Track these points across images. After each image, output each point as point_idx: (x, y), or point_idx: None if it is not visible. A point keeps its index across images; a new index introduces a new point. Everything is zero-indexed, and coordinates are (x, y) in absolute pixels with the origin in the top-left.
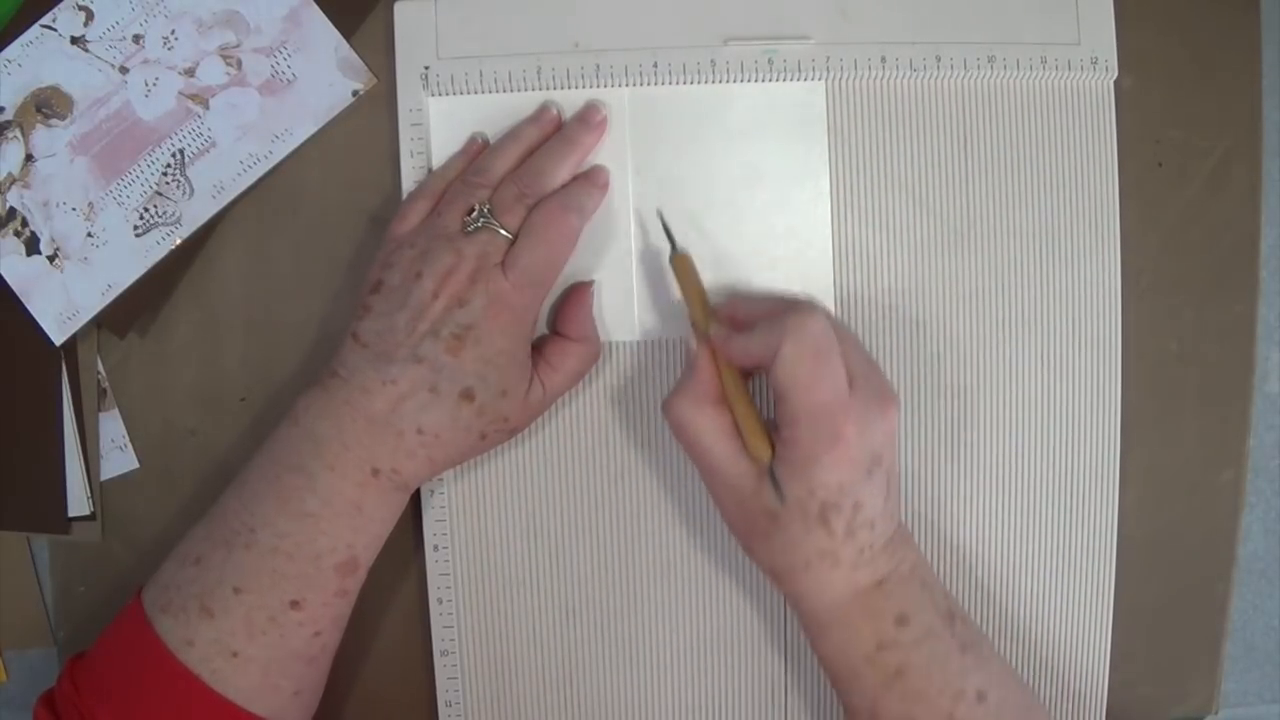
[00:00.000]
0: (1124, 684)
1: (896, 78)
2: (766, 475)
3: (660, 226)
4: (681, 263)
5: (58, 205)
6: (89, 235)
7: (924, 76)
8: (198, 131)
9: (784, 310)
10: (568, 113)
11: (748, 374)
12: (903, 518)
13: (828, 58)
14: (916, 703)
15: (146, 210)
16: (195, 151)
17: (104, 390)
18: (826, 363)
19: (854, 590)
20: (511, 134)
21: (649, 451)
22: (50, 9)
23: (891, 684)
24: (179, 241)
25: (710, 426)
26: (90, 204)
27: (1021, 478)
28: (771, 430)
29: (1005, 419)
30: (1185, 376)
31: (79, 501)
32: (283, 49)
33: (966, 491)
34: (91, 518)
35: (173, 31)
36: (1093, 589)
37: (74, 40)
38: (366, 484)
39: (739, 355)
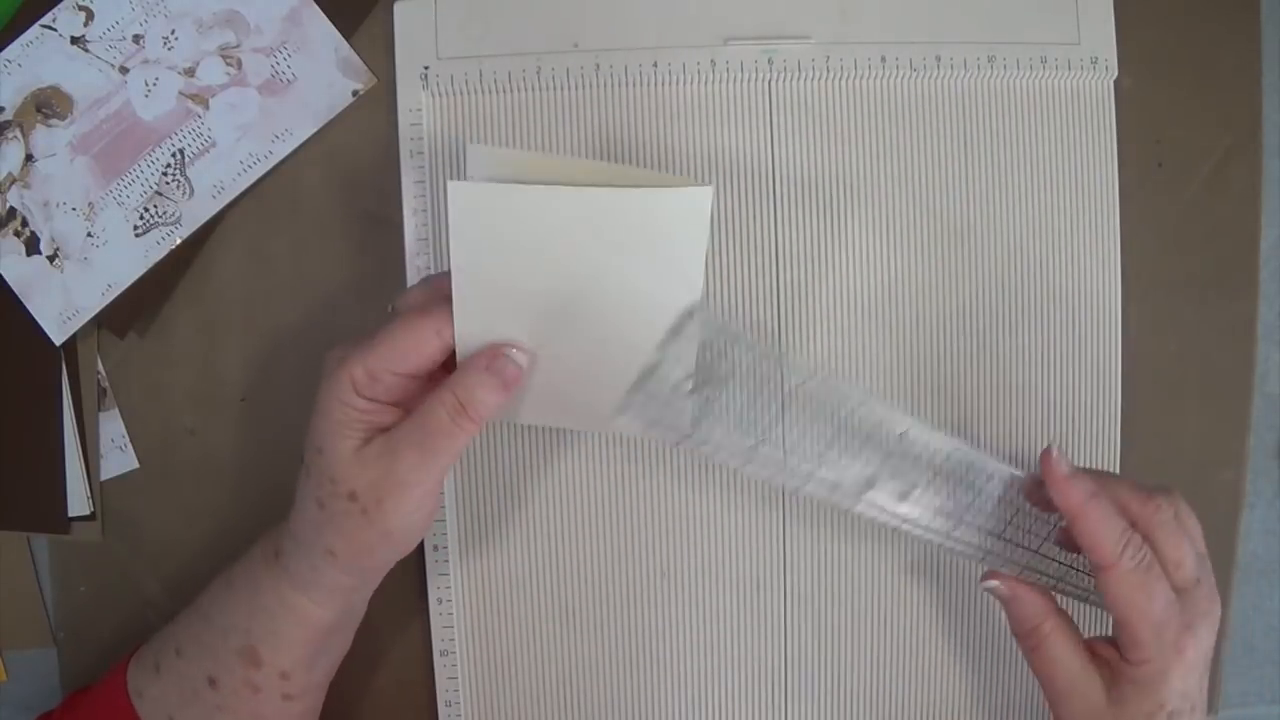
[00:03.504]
0: None
1: (896, 78)
2: (1122, 687)
3: None
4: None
5: (58, 205)
6: (89, 235)
7: (924, 76)
8: (198, 131)
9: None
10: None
11: None
12: None
13: (828, 58)
14: None
15: (146, 210)
16: (195, 151)
17: (104, 390)
18: (1153, 579)
19: None
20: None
21: (648, 453)
22: (50, 9)
23: None
24: (179, 241)
25: (1060, 635)
26: (90, 204)
27: None
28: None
29: (1006, 418)
30: (1185, 376)
31: (79, 501)
32: (283, 49)
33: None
34: (91, 518)
35: (173, 31)
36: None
37: (74, 40)
38: (269, 563)
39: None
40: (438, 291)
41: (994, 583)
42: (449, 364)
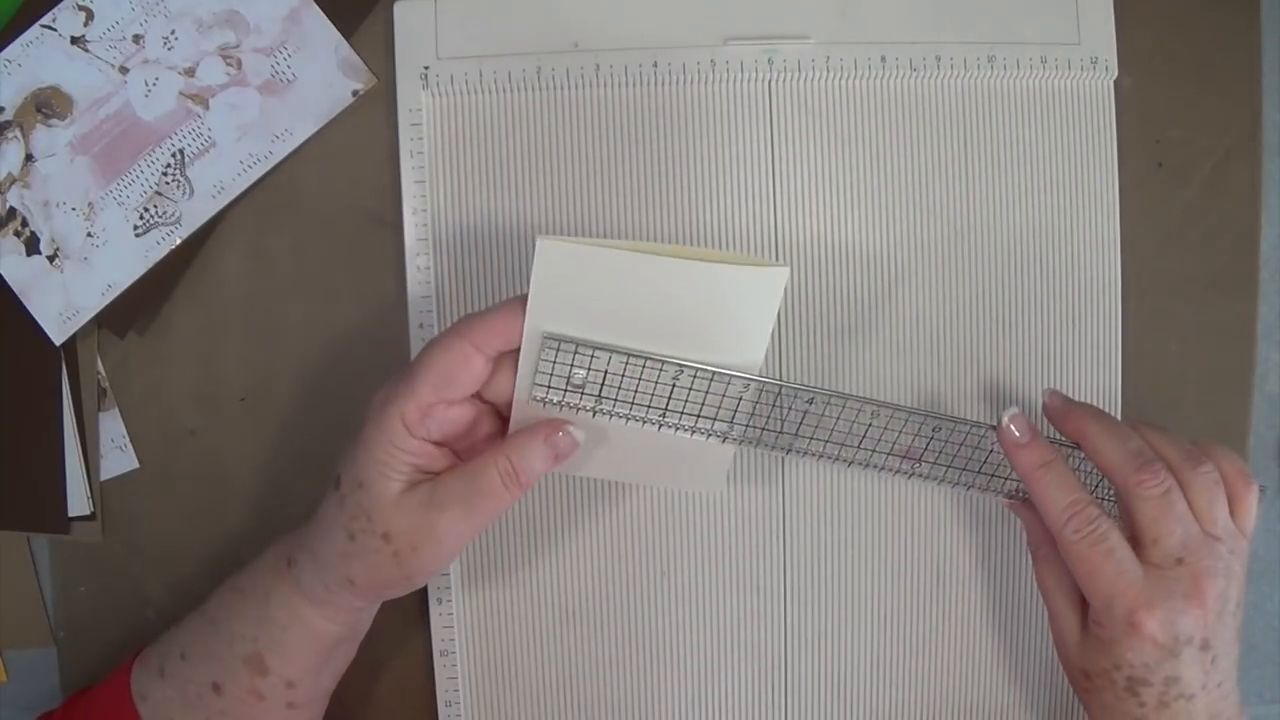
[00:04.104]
0: None
1: (896, 78)
2: (1089, 636)
3: None
4: None
5: (58, 205)
6: (89, 235)
7: (924, 76)
8: (198, 131)
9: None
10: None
11: None
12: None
13: (828, 58)
14: None
15: (146, 210)
16: (195, 151)
17: (104, 390)
18: (1099, 553)
19: None
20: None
21: None
22: (50, 9)
23: None
24: (179, 241)
25: (1049, 565)
26: (90, 204)
27: None
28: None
29: None
30: (1185, 376)
31: (79, 501)
32: (283, 49)
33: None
34: (91, 518)
35: (173, 31)
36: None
37: (74, 40)
38: (280, 572)
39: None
40: (468, 318)
41: (1006, 503)
42: (498, 414)
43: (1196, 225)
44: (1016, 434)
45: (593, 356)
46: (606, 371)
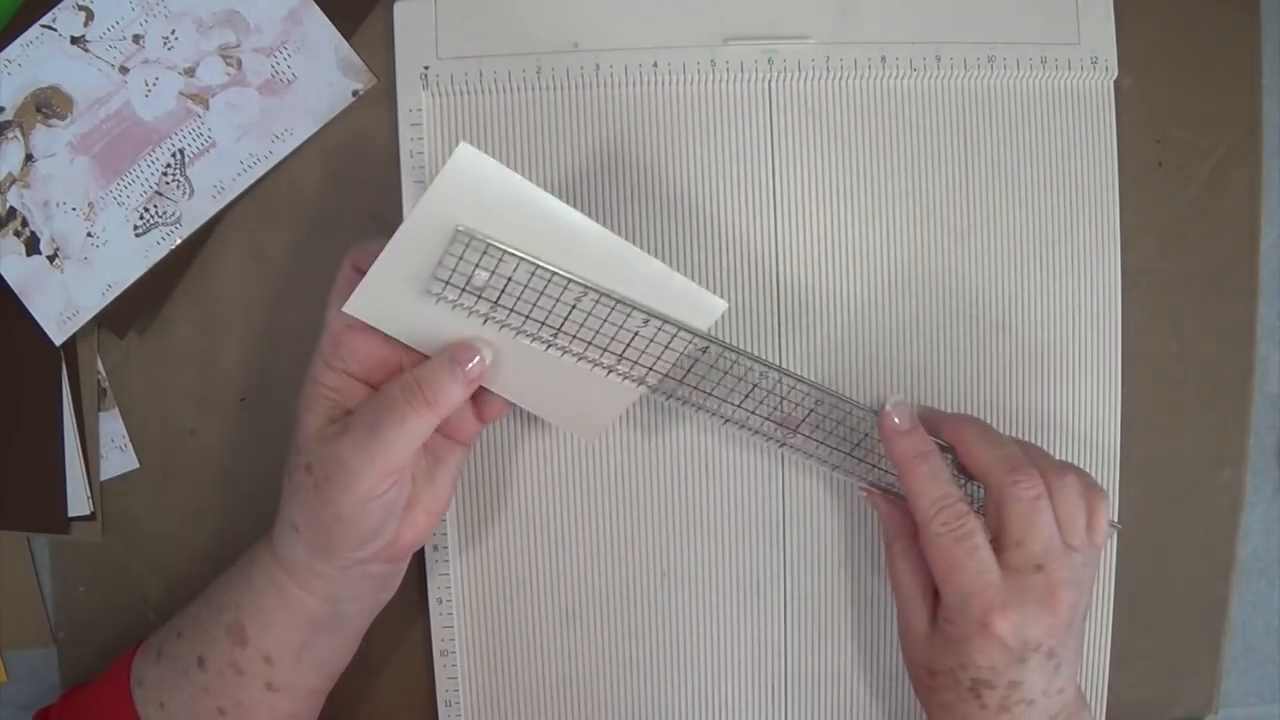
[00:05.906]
0: (1124, 684)
1: (896, 78)
2: (937, 632)
3: None
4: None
5: (58, 205)
6: (89, 235)
7: (924, 76)
8: (198, 131)
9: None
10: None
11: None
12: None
13: (828, 58)
14: None
15: (146, 210)
16: (195, 151)
17: (104, 390)
18: (963, 550)
19: None
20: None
21: (649, 453)
22: (50, 9)
23: None
24: (179, 241)
25: (904, 558)
26: (90, 204)
27: None
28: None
29: (1006, 419)
30: (1185, 376)
31: (79, 501)
32: (283, 49)
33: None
34: (91, 518)
35: (173, 31)
36: (1094, 589)
37: (74, 40)
38: (265, 542)
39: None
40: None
41: (863, 492)
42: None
43: (1196, 225)
44: (897, 421)
45: (500, 260)
46: (510, 279)
